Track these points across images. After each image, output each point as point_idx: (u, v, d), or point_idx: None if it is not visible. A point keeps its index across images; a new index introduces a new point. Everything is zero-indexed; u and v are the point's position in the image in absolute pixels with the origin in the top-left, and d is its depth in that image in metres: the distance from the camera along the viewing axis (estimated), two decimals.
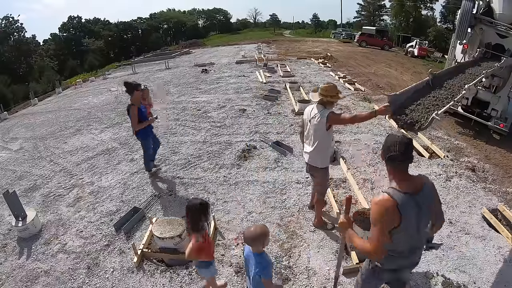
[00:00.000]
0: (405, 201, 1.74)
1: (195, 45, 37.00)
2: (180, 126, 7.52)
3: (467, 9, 6.27)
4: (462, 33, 6.44)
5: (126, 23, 59.48)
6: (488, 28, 6.38)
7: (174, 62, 19.42)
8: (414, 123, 3.19)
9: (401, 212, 1.72)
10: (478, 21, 6.33)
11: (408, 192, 1.76)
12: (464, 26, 6.34)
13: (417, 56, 24.15)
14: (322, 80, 12.06)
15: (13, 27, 38.71)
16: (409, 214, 1.74)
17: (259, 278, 2.22)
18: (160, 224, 3.46)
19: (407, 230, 1.77)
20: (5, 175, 5.84)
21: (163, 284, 3.18)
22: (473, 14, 6.29)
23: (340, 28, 48.74)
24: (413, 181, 1.84)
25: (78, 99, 12.04)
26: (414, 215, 1.77)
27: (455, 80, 4.68)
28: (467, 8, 6.27)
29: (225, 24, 78.74)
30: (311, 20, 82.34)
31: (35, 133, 8.19)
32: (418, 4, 43.39)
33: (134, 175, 5.36)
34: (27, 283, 3.31)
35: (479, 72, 5.35)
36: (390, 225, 1.75)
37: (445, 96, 3.86)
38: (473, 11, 6.30)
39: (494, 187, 4.75)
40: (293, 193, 4.60)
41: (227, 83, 11.71)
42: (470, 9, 6.25)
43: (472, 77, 5.01)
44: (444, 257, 3.38)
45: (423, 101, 3.61)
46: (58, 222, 4.26)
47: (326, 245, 3.60)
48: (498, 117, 6.56)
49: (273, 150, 5.96)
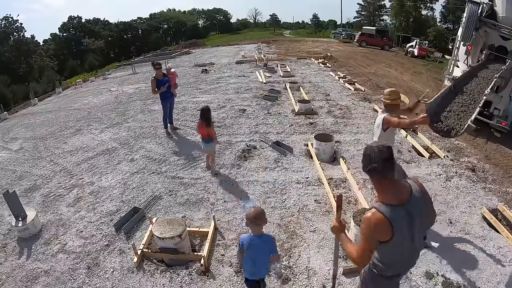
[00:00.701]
0: (395, 214, 1.69)
1: (195, 45, 37.02)
2: (180, 126, 7.52)
3: (473, 12, 6.40)
4: (468, 35, 6.58)
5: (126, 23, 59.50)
6: (492, 31, 6.52)
7: (174, 62, 19.41)
8: (450, 130, 3.70)
9: (393, 225, 1.68)
10: (482, 23, 6.47)
11: (398, 204, 1.71)
12: (470, 29, 6.48)
13: (417, 56, 24.18)
14: (322, 80, 12.07)
15: (12, 27, 38.72)
16: (401, 226, 1.71)
17: (268, 256, 2.46)
18: (160, 224, 3.46)
19: (401, 241, 1.74)
20: (5, 175, 5.84)
21: (163, 284, 3.18)
22: (478, 17, 6.43)
23: (340, 28, 48.78)
24: (401, 190, 1.78)
25: (78, 99, 12.04)
26: (406, 225, 1.72)
27: (472, 85, 5.13)
28: (473, 12, 6.41)
29: (225, 24, 78.76)
30: (311, 20, 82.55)
31: (35, 133, 8.19)
32: (418, 4, 43.40)
33: (134, 175, 5.36)
34: (27, 283, 3.31)
35: (490, 75, 5.59)
36: (382, 238, 1.72)
37: (469, 102, 4.34)
38: (478, 14, 6.46)
39: (494, 187, 4.75)
40: (293, 193, 4.60)
41: (227, 83, 11.71)
42: (476, 13, 6.39)
43: (485, 81, 5.33)
44: (444, 257, 3.38)
45: (452, 108, 4.10)
46: (58, 222, 4.26)
47: (326, 245, 3.60)
48: (500, 115, 6.70)
49: (273, 150, 5.96)
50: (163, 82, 6.54)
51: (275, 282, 3.15)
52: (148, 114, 8.75)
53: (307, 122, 7.41)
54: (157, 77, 6.47)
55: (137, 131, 7.42)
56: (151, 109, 9.11)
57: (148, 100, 10.21)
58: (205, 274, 3.26)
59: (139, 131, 7.44)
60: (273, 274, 3.24)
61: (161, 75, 6.57)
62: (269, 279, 3.17)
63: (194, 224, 4.03)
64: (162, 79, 6.56)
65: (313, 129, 6.94)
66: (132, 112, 9.07)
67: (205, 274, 3.27)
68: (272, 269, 3.21)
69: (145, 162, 5.82)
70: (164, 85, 6.53)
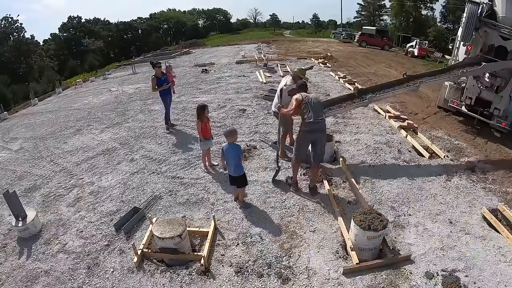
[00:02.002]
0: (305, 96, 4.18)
1: (195, 45, 36.95)
2: (180, 126, 7.52)
3: (473, 12, 6.43)
4: (468, 35, 6.62)
5: (126, 23, 59.48)
6: (492, 31, 6.55)
7: (174, 62, 19.40)
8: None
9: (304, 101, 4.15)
10: (482, 24, 6.50)
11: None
12: (470, 29, 6.51)
13: (417, 56, 24.15)
14: (322, 80, 12.07)
15: (12, 27, 38.72)
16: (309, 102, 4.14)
17: (239, 158, 4.01)
18: (160, 224, 3.46)
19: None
20: (5, 175, 5.84)
21: (163, 284, 3.18)
22: (478, 17, 6.46)
23: (340, 28, 48.72)
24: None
25: (78, 99, 12.04)
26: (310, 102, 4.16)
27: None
28: (473, 12, 6.44)
29: (225, 24, 78.75)
30: (311, 20, 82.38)
31: (35, 133, 8.19)
32: (418, 4, 43.36)
33: (134, 175, 5.36)
34: (27, 283, 3.31)
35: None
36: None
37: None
38: (478, 14, 6.48)
39: (494, 187, 4.75)
40: (293, 193, 4.60)
41: (227, 83, 11.70)
42: (476, 13, 6.42)
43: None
44: (444, 257, 3.38)
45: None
46: (58, 222, 4.26)
47: (326, 245, 3.60)
48: (500, 115, 6.74)
49: (273, 150, 5.95)
50: (162, 81, 6.89)
51: (275, 282, 3.15)
52: (148, 114, 8.75)
53: None
54: (157, 75, 6.81)
55: (137, 131, 7.42)
56: (151, 109, 9.11)
57: (148, 100, 10.21)
58: (205, 274, 3.26)
59: (139, 131, 7.44)
60: (273, 274, 3.24)
61: (160, 74, 6.92)
62: (269, 279, 3.18)
63: (194, 224, 4.03)
64: (162, 77, 6.91)
65: None
66: (132, 112, 9.07)
67: (205, 274, 3.27)
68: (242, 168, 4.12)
69: (145, 162, 5.82)
70: (163, 83, 6.89)
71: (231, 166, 4.00)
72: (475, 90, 7.09)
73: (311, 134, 4.18)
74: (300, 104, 4.13)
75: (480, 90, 7.03)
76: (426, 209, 4.19)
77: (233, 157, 3.95)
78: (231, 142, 3.97)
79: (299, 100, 4.14)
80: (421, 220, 3.98)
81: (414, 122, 7.38)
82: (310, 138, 4.24)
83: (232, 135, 3.98)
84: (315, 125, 4.09)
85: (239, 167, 4.01)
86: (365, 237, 3.22)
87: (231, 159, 3.96)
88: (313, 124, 4.07)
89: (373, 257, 3.36)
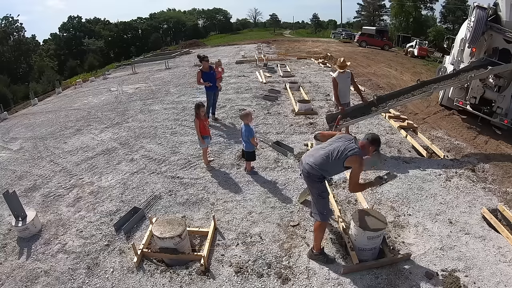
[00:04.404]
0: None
1: (195, 45, 36.93)
2: (180, 126, 7.52)
3: (482, 17, 6.62)
4: (476, 39, 6.82)
5: (126, 23, 59.56)
6: (496, 34, 6.74)
7: (174, 62, 19.43)
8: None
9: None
10: (488, 27, 6.70)
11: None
12: (478, 33, 6.70)
13: (417, 56, 24.15)
14: (322, 80, 12.07)
15: (12, 27, 38.69)
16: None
17: (248, 139, 4.82)
18: (160, 224, 3.46)
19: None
20: (5, 175, 5.83)
21: (163, 284, 3.18)
22: (485, 21, 6.67)
23: (340, 28, 48.77)
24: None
25: (78, 99, 12.03)
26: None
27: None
28: (481, 17, 6.63)
29: (225, 24, 78.83)
30: (311, 20, 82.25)
31: (35, 133, 8.19)
32: (418, 4, 43.37)
33: (134, 175, 5.36)
34: (27, 283, 3.31)
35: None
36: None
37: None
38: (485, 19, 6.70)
39: (494, 187, 4.76)
40: (293, 193, 4.60)
41: (227, 83, 11.70)
42: (484, 18, 6.61)
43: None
44: (444, 257, 3.38)
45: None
46: (58, 222, 4.26)
47: (326, 245, 3.60)
48: (503, 114, 7.01)
49: (273, 150, 5.96)
50: (209, 75, 6.92)
51: (275, 282, 3.15)
52: (148, 114, 8.74)
53: (307, 122, 7.41)
54: (203, 69, 6.88)
55: (137, 131, 7.42)
56: (151, 109, 9.11)
57: (148, 100, 10.22)
58: (205, 274, 3.26)
59: (139, 131, 7.44)
60: (273, 274, 3.24)
61: (207, 68, 6.92)
62: (269, 279, 3.18)
63: (194, 224, 4.03)
64: (208, 72, 6.93)
65: (313, 129, 6.94)
66: (132, 112, 9.07)
67: (205, 274, 3.26)
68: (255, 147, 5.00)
69: (145, 162, 5.82)
70: (210, 77, 6.94)
71: (244, 142, 4.93)
72: (480, 90, 7.33)
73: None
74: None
75: (484, 90, 7.28)
76: (426, 209, 4.19)
77: (246, 135, 4.85)
78: (246, 123, 4.80)
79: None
80: (421, 220, 3.98)
81: (414, 122, 7.38)
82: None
83: (246, 117, 4.77)
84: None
85: (249, 144, 4.88)
86: (365, 237, 3.22)
87: (244, 137, 4.88)
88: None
89: (373, 257, 3.37)
